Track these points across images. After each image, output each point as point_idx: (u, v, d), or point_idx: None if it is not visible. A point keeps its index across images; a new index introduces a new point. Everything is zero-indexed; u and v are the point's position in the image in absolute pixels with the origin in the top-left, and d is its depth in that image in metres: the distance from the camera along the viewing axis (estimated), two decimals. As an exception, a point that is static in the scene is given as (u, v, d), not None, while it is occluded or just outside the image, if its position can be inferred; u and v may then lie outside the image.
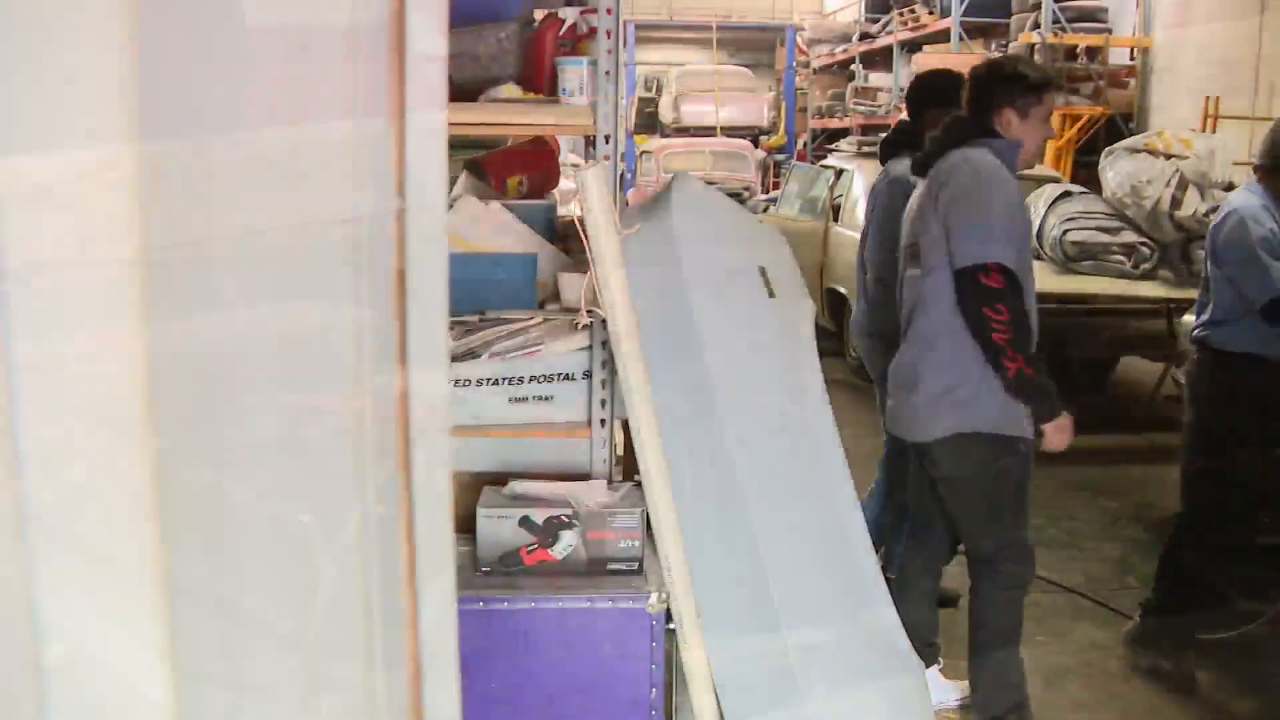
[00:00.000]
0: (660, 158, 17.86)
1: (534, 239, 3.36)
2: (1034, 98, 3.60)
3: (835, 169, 9.27)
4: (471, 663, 2.65)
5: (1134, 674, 4.47)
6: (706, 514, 2.78)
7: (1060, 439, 3.53)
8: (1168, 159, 7.23)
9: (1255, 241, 4.12)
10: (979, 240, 3.37)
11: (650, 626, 2.62)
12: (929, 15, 17.36)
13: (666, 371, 2.77)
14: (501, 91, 3.22)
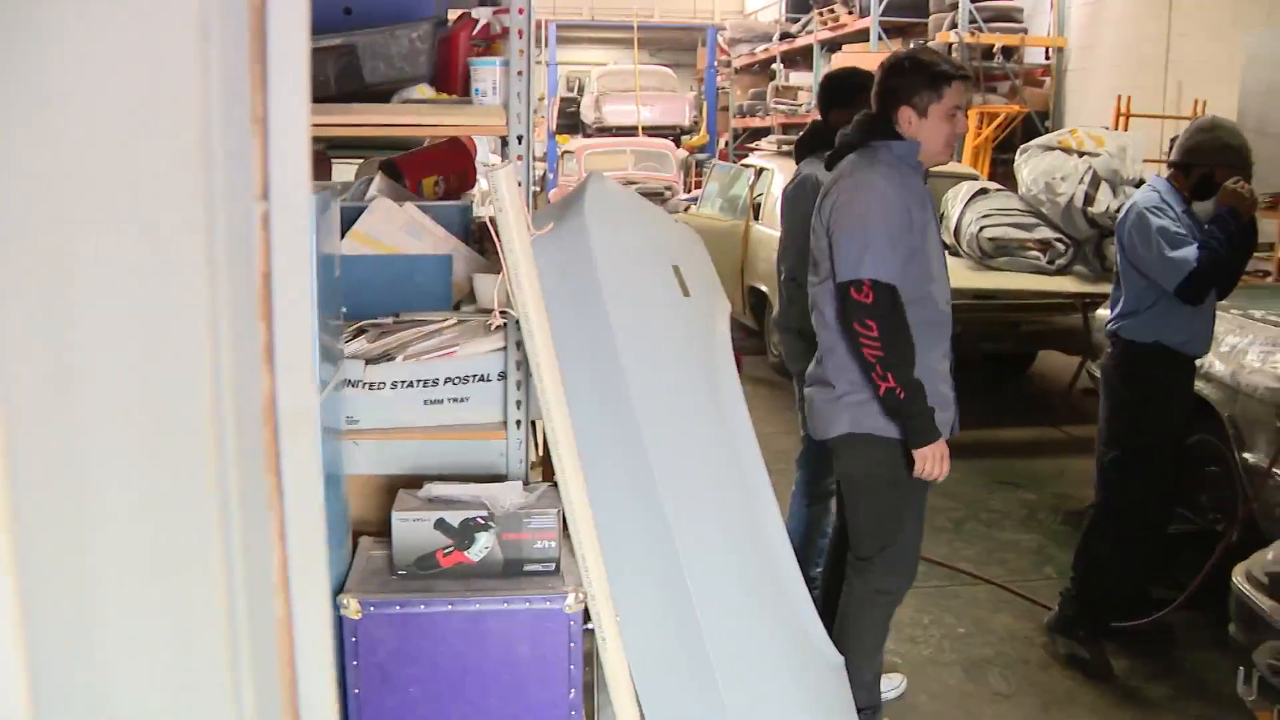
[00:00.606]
0: (582, 158, 17.85)
1: (449, 240, 3.35)
2: (933, 94, 3.51)
3: (756, 168, 9.31)
4: (389, 667, 2.66)
5: (1053, 662, 4.54)
6: (623, 513, 2.77)
7: (931, 467, 3.44)
8: (1081, 156, 7.36)
9: (1155, 231, 4.23)
10: (855, 254, 3.35)
11: (568, 627, 2.61)
12: (848, 15, 17.52)
13: (581, 371, 2.77)
14: (415, 92, 3.20)
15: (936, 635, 4.74)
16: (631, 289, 2.91)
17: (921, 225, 3.50)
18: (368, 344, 2.96)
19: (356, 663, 2.60)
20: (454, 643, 2.62)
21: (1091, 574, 4.55)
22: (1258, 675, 2.76)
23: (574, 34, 28.97)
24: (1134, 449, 4.46)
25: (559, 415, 2.55)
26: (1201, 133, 4.45)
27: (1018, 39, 14.82)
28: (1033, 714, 4.19)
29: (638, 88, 22.80)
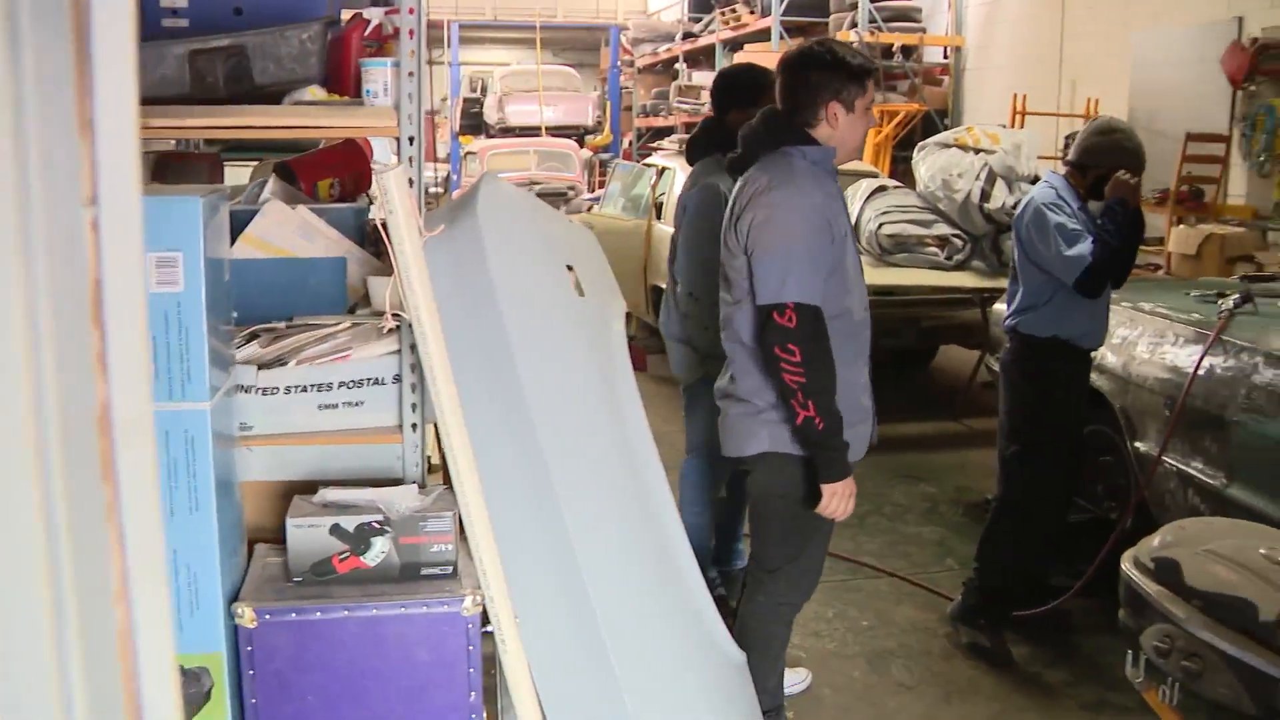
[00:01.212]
0: (485, 158, 17.80)
1: (344, 243, 3.30)
2: (858, 88, 3.37)
3: (658, 167, 9.33)
4: (287, 675, 2.63)
5: (955, 652, 4.61)
6: (520, 515, 2.77)
7: (837, 505, 3.35)
8: (977, 153, 7.48)
9: (1053, 228, 4.30)
10: (777, 277, 3.21)
11: (466, 630, 2.60)
12: (750, 14, 17.63)
13: (476, 372, 2.76)
14: (306, 94, 3.16)
15: (840, 629, 4.79)
16: (526, 290, 2.91)
17: (841, 236, 3.38)
18: (260, 349, 2.92)
19: (253, 671, 2.57)
20: (352, 649, 2.60)
21: (994, 564, 4.61)
22: (1144, 658, 2.83)
23: (476, 34, 28.84)
24: (1035, 442, 4.54)
25: (453, 418, 2.54)
26: (1099, 135, 4.52)
27: (916, 38, 15.02)
28: (935, 704, 4.25)
29: (540, 88, 22.76)
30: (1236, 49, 9.71)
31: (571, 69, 26.68)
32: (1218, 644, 2.58)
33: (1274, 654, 2.50)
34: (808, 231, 3.25)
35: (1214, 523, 3.25)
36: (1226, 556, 2.71)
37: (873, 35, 14.53)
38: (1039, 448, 4.53)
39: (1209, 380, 4.38)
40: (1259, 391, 4.15)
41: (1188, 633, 2.65)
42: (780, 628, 3.68)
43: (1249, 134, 9.72)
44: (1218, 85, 9.97)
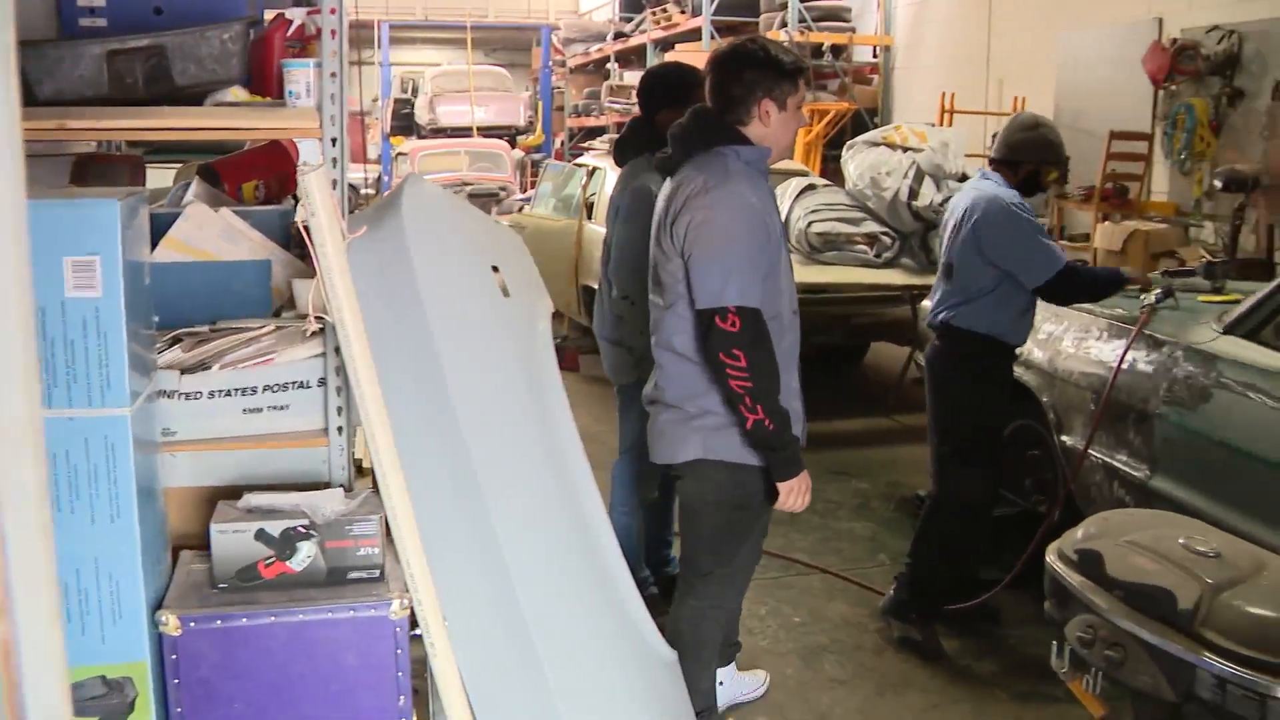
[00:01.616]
0: (416, 160, 17.74)
1: (268, 245, 3.27)
2: (791, 85, 3.35)
3: (589, 168, 9.33)
4: (213, 683, 2.60)
5: (887, 647, 4.65)
6: (448, 518, 2.75)
7: (795, 500, 3.38)
8: (905, 152, 7.55)
9: (1028, 225, 4.35)
10: (718, 280, 3.17)
11: (394, 634, 2.58)
12: (681, 14, 17.65)
13: (401, 374, 2.74)
14: (228, 95, 3.13)
15: (773, 625, 4.82)
16: (451, 290, 2.89)
17: (776, 237, 3.36)
18: (183, 353, 2.88)
19: (178, 680, 2.54)
20: (278, 655, 2.57)
21: (927, 560, 4.66)
22: (1069, 649, 2.87)
23: (407, 34, 28.68)
24: (967, 438, 4.58)
25: (378, 420, 2.52)
26: (1026, 130, 4.55)
27: (846, 38, 15.11)
28: (869, 698, 4.28)
29: (472, 88, 22.70)
30: (1157, 49, 9.86)
31: (503, 69, 26.62)
32: (1138, 633, 2.63)
33: (1192, 641, 2.55)
34: (747, 233, 3.22)
35: (1135, 514, 3.30)
36: (1147, 547, 2.76)
37: (803, 35, 14.62)
38: (972, 444, 4.57)
39: (1132, 374, 4.45)
40: (1180, 385, 4.22)
41: (1110, 623, 2.70)
42: (712, 630, 3.66)
43: (1170, 132, 9.88)
44: (1140, 85, 10.13)
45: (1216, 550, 2.73)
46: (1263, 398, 3.87)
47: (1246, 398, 3.94)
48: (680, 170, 3.41)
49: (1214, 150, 9.09)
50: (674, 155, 3.47)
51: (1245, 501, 3.86)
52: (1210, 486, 4.05)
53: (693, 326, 3.28)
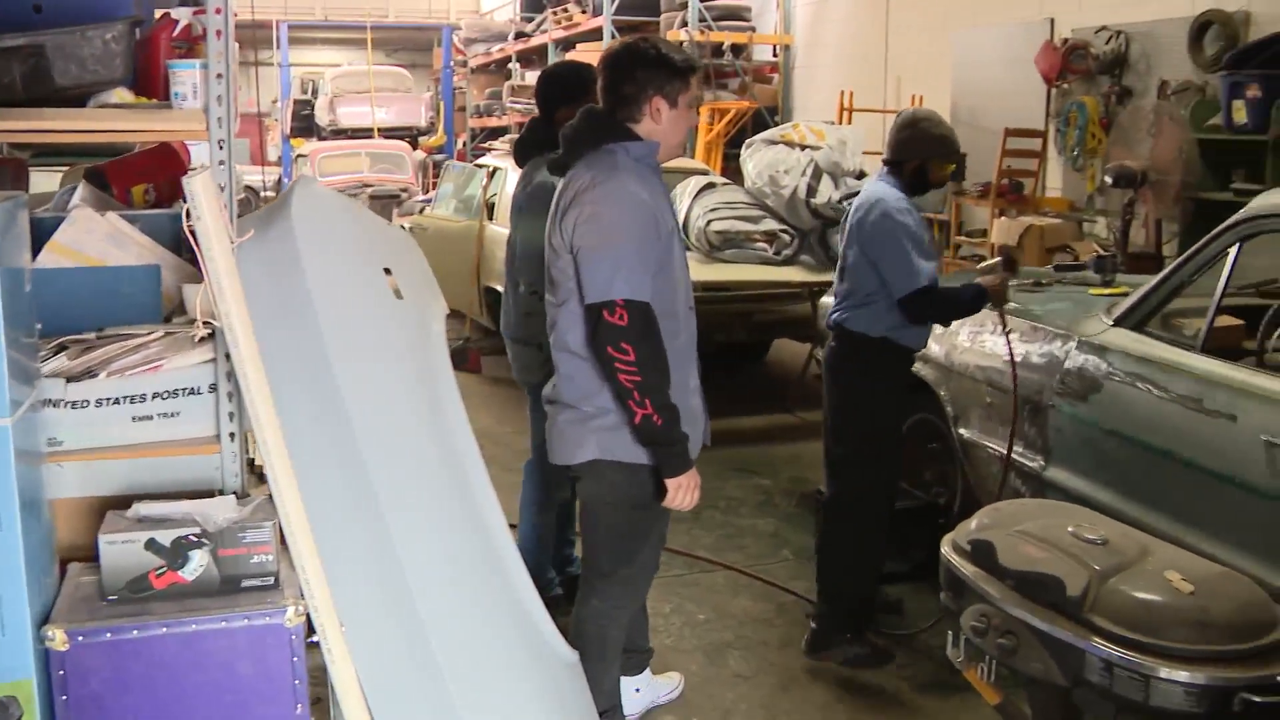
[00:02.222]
0: (316, 161, 17.54)
1: (157, 250, 3.21)
2: (682, 83, 3.36)
3: (490, 168, 9.29)
4: (104, 698, 2.54)
5: (791, 641, 4.68)
6: (343, 523, 2.73)
7: (683, 497, 3.36)
8: (803, 150, 7.62)
9: (903, 233, 4.25)
10: (606, 274, 3.18)
11: (289, 641, 2.55)
12: (581, 14, 17.63)
13: (294, 378, 2.71)
14: (112, 96, 3.07)
15: (677, 623, 4.84)
16: (342, 293, 2.87)
17: (668, 233, 3.36)
18: (69, 361, 2.82)
19: (66, 697, 2.49)
20: (172, 667, 2.54)
21: (835, 569, 4.53)
22: (964, 638, 2.92)
23: (306, 34, 28.38)
24: (862, 441, 4.48)
25: (269, 425, 2.49)
26: (905, 129, 4.48)
27: (746, 37, 15.19)
28: (773, 693, 4.31)
29: (372, 89, 22.51)
30: (1049, 49, 10.05)
31: (404, 69, 26.44)
32: (1029, 620, 2.68)
33: (1080, 627, 2.60)
34: (634, 228, 3.24)
35: (1026, 504, 3.37)
36: (1037, 536, 2.81)
37: (703, 34, 14.67)
38: (867, 446, 4.47)
39: (1026, 367, 4.53)
40: (1071, 376, 4.30)
41: (1002, 611, 2.74)
42: (615, 630, 3.65)
43: (1063, 130, 10.06)
44: (1033, 83, 10.30)
45: (1104, 538, 2.78)
46: (1149, 387, 3.96)
47: (1134, 388, 4.03)
48: (572, 169, 3.42)
49: (1105, 147, 9.27)
50: (565, 155, 3.47)
51: (1135, 489, 3.95)
52: (1102, 475, 4.13)
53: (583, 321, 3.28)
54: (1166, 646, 2.52)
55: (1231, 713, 2.49)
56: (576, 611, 3.65)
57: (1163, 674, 2.49)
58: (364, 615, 2.72)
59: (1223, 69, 7.91)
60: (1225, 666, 2.50)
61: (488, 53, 22.67)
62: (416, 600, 2.73)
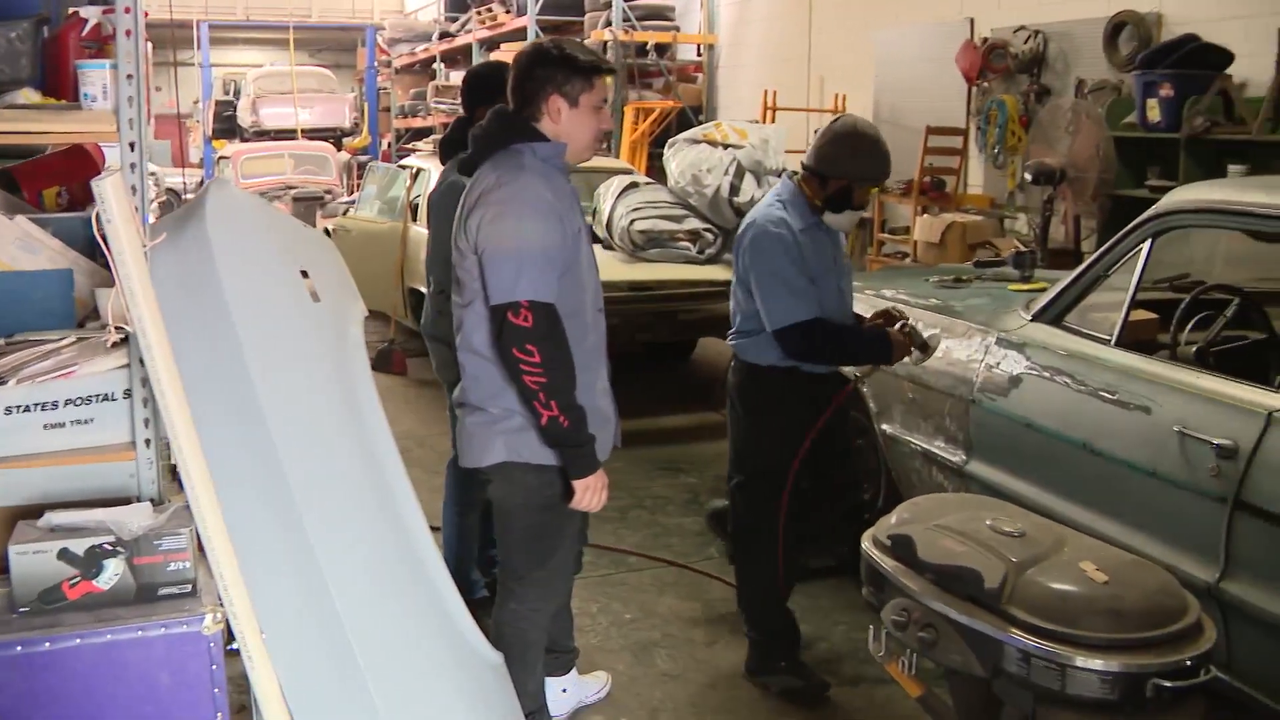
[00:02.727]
0: (238, 163, 17.34)
1: (68, 254, 3.16)
2: (584, 82, 3.34)
3: (413, 169, 9.24)
4: (16, 712, 2.49)
5: (718, 639, 4.70)
6: (262, 528, 2.70)
7: (591, 498, 3.36)
8: (725, 149, 7.65)
9: (779, 259, 4.00)
10: (510, 276, 3.16)
11: (208, 649, 2.52)
12: (506, 14, 17.59)
13: (209, 383, 2.68)
14: (19, 97, 3.02)
15: (604, 623, 4.84)
16: (258, 296, 2.83)
17: (574, 233, 3.34)
18: (-25, 368, 2.77)
19: (-24, 712, 2.44)
20: (87, 679, 2.49)
21: (757, 597, 4.38)
22: (884, 632, 2.94)
23: (228, 34, 28.07)
24: (755, 471, 4.29)
25: (184, 431, 2.46)
26: (840, 144, 4.08)
27: (670, 36, 15.24)
28: (700, 691, 4.33)
29: (295, 90, 22.27)
30: (969, 48, 10.18)
31: (327, 70, 26.22)
32: (948, 613, 2.70)
33: (998, 618, 2.63)
34: (539, 228, 3.22)
35: (945, 499, 3.40)
36: (955, 530, 2.84)
37: (627, 34, 14.70)
38: (759, 477, 4.27)
39: (947, 362, 4.58)
40: (991, 371, 4.36)
41: (922, 605, 2.77)
42: (535, 632, 3.64)
43: (984, 128, 10.20)
44: (954, 82, 10.44)
45: (1021, 530, 2.82)
46: (1067, 381, 4.03)
47: (1052, 382, 4.10)
48: (479, 169, 3.40)
49: (1024, 145, 9.40)
50: (474, 154, 3.46)
51: (1054, 482, 4.01)
52: (1022, 469, 4.19)
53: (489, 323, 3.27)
54: (1081, 636, 2.55)
55: (1144, 698, 2.53)
56: (496, 615, 3.63)
57: (1078, 663, 2.53)
58: (285, 621, 2.70)
59: (1137, 68, 8.06)
60: (1138, 653, 2.54)
61: (412, 53, 22.56)
62: (338, 604, 2.71)
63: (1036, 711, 2.65)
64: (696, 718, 4.16)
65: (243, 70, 26.34)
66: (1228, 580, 3.32)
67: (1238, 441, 3.33)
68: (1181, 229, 4.04)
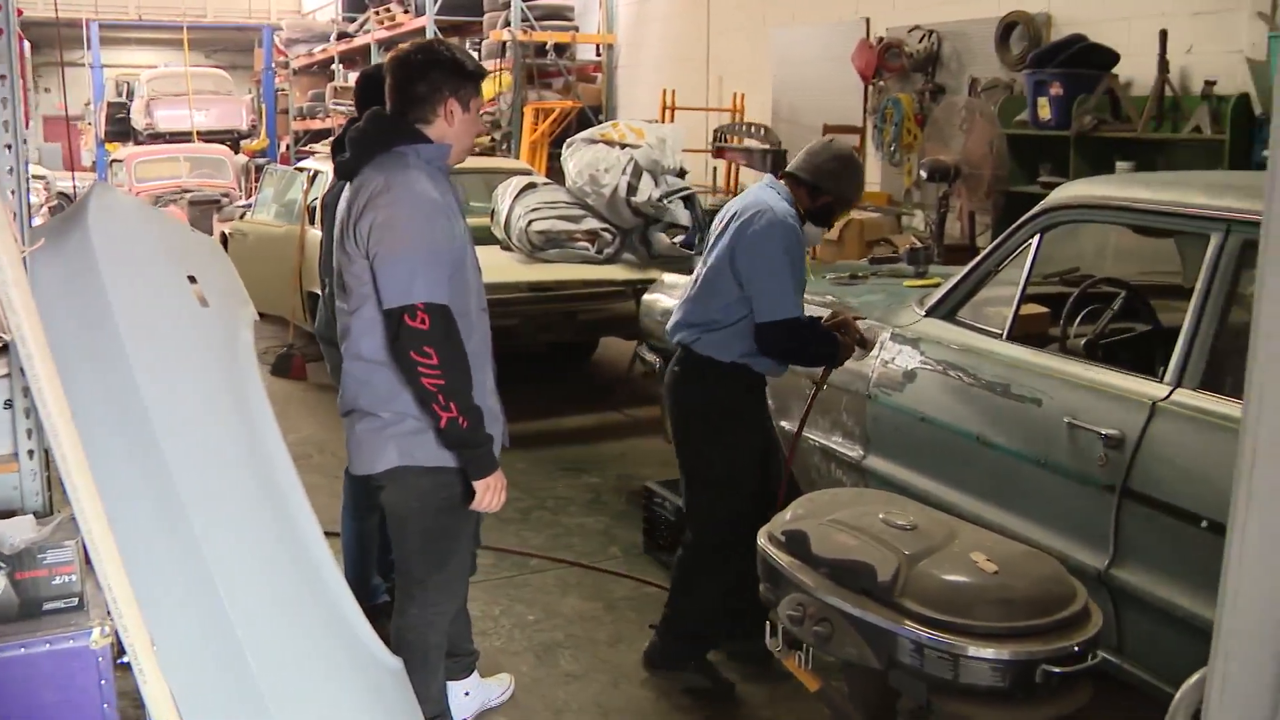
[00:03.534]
0: (132, 166, 17.01)
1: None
2: (474, 87, 3.38)
3: (310, 171, 9.13)
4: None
5: (621, 638, 4.70)
6: (152, 538, 2.64)
7: (491, 498, 3.35)
8: (623, 148, 7.66)
9: (786, 253, 3.98)
10: (404, 278, 3.13)
11: (96, 664, 2.46)
12: (404, 14, 17.51)
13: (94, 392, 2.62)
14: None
15: (507, 625, 4.82)
16: (143, 302, 2.78)
17: (460, 235, 3.34)
18: None
19: None
20: (-31, 697, 2.43)
21: (694, 610, 4.30)
22: (781, 627, 2.97)
23: (120, 34, 27.56)
24: (721, 478, 4.19)
25: (68, 440, 2.40)
26: (838, 161, 4.14)
27: (569, 36, 15.26)
28: (604, 690, 4.33)
29: (190, 91, 21.92)
30: (865, 47, 10.32)
31: (223, 71, 25.82)
32: (843, 607, 2.74)
33: (892, 611, 2.67)
34: (430, 230, 3.20)
35: (839, 493, 3.44)
36: (849, 524, 2.88)
37: (526, 34, 14.68)
38: (727, 484, 4.17)
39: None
40: (887, 366, 4.41)
41: (817, 599, 2.80)
42: (435, 637, 3.61)
43: (880, 126, 10.34)
44: (851, 80, 10.57)
45: (913, 523, 2.86)
46: (960, 375, 4.09)
47: (946, 375, 4.16)
48: (361, 173, 3.36)
49: (920, 143, 9.55)
50: (353, 158, 3.41)
51: (950, 474, 4.07)
52: (918, 462, 4.24)
53: (381, 328, 3.24)
54: (973, 625, 2.60)
55: (1034, 684, 2.58)
56: (395, 621, 3.59)
57: (970, 652, 2.57)
58: (177, 632, 2.64)
59: (1028, 68, 8.22)
60: (1028, 641, 2.60)
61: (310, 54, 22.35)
62: (230, 614, 2.66)
63: (931, 701, 2.70)
64: (601, 717, 4.16)
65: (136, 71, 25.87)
66: (1117, 566, 3.39)
67: (1124, 431, 3.40)
68: (1067, 224, 4.13)
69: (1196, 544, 3.13)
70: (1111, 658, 3.38)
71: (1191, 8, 7.62)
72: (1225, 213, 3.40)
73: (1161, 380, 3.47)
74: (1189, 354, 3.38)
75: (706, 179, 12.04)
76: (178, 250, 3.09)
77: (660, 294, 5.99)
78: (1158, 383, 3.48)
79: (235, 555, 2.73)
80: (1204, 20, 7.55)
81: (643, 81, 14.56)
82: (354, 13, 20.20)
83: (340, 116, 18.57)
